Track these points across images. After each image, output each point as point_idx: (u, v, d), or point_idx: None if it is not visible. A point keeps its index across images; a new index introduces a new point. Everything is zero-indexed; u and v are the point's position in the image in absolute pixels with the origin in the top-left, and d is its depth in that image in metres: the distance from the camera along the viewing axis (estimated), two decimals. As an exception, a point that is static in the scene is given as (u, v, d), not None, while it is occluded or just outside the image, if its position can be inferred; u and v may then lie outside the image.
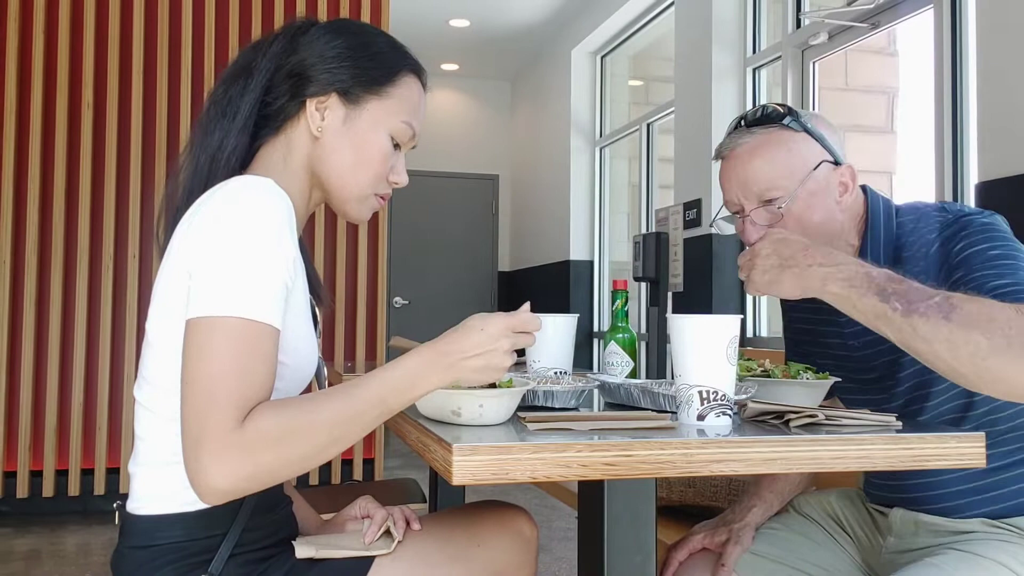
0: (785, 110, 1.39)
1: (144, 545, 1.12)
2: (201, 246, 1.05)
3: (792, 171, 1.36)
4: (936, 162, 3.13)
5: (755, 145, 1.38)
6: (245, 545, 1.14)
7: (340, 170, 1.23)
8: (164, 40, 4.35)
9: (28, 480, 4.12)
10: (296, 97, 1.22)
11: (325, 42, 1.24)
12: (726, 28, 4.56)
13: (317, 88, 1.22)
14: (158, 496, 1.13)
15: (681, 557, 1.52)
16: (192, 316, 1.02)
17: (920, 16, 3.34)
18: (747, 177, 1.38)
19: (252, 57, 1.25)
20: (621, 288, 1.69)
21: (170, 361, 1.10)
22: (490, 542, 1.30)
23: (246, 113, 1.22)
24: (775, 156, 1.37)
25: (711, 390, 1.09)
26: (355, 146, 1.23)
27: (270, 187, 1.09)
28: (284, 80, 1.23)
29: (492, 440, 0.95)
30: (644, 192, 5.69)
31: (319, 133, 1.22)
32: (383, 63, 1.25)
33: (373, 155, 1.24)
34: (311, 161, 1.24)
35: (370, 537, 1.24)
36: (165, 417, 1.12)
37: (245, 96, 1.22)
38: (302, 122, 1.23)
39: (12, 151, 4.12)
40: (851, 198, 1.39)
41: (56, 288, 4.17)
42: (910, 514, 1.42)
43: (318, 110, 1.22)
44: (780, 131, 1.38)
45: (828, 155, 1.38)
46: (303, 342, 1.17)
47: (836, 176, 1.38)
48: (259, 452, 0.96)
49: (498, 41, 6.97)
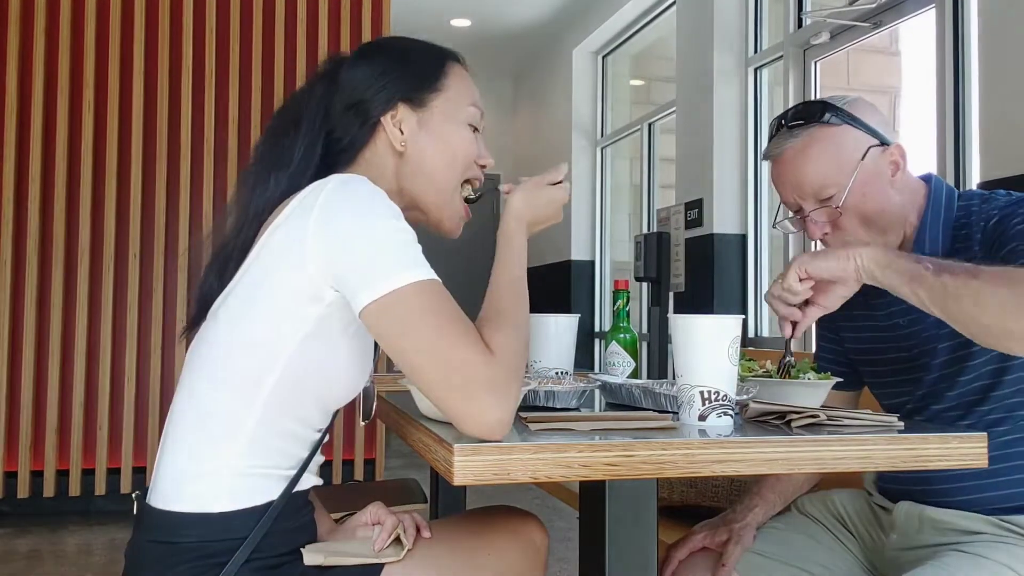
0: (822, 105, 1.41)
1: (164, 540, 1.12)
2: (332, 241, 1.06)
3: (841, 166, 1.38)
4: (938, 162, 3.13)
5: (801, 147, 1.40)
6: (262, 551, 1.13)
7: (435, 171, 1.25)
8: (165, 40, 4.34)
9: (29, 480, 4.11)
10: (366, 123, 1.24)
11: (365, 66, 1.26)
12: (727, 28, 4.56)
13: (382, 106, 1.24)
14: (185, 494, 1.13)
15: (681, 556, 1.52)
16: (369, 301, 1.03)
17: (922, 15, 3.34)
18: (800, 180, 1.40)
19: (297, 106, 1.27)
20: (622, 288, 1.69)
21: (249, 356, 1.11)
22: (500, 549, 1.29)
23: (299, 160, 1.22)
24: (822, 156, 1.38)
25: (713, 390, 1.09)
26: (441, 144, 1.25)
27: (367, 180, 1.12)
28: (343, 114, 1.25)
29: (493, 440, 0.95)
30: (645, 192, 5.69)
31: (403, 147, 1.24)
32: (428, 62, 1.28)
33: (459, 146, 1.27)
34: (401, 179, 1.25)
35: (380, 544, 1.23)
36: (217, 414, 1.13)
37: (298, 142, 1.23)
38: (379, 146, 1.25)
39: (13, 151, 4.12)
40: (904, 176, 1.41)
41: (57, 288, 4.17)
42: (915, 508, 1.41)
43: (395, 125, 1.24)
44: (822, 128, 1.39)
45: (873, 139, 1.40)
46: (360, 361, 1.19)
47: (886, 158, 1.39)
48: (518, 366, 1.04)
49: (499, 41, 6.97)
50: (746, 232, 4.45)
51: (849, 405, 1.56)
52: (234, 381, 1.13)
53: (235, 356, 1.13)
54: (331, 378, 1.16)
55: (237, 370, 1.13)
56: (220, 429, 1.13)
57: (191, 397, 1.17)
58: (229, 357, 1.13)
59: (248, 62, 4.43)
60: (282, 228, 1.11)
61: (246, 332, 1.12)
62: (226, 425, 1.13)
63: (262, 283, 1.11)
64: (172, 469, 1.16)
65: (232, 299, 1.15)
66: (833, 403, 1.41)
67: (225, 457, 1.12)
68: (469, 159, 1.28)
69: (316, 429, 1.20)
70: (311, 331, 1.10)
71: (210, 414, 1.14)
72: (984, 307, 1.13)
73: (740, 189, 4.49)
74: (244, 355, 1.12)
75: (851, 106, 1.41)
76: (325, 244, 1.06)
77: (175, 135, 4.34)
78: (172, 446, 1.17)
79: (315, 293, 1.08)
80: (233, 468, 1.12)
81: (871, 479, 1.56)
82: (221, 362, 1.14)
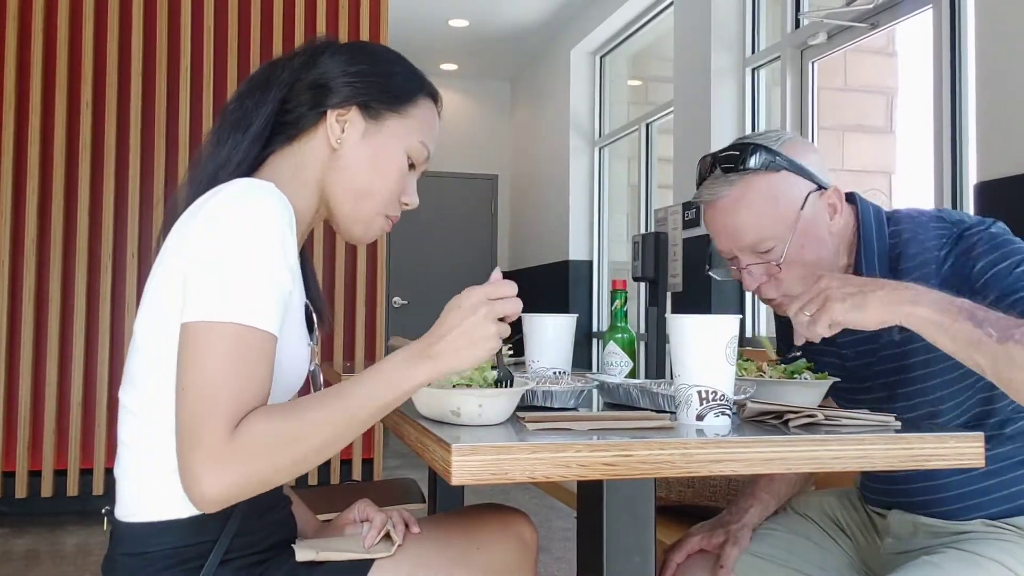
0: (758, 149, 1.32)
1: (136, 552, 1.11)
2: (198, 248, 1.04)
3: (781, 219, 1.32)
4: (935, 162, 3.13)
5: (737, 197, 1.33)
6: (240, 550, 1.13)
7: (355, 185, 1.22)
8: (163, 39, 4.34)
9: (27, 480, 4.11)
10: (316, 107, 1.22)
11: (347, 59, 1.24)
12: (725, 28, 4.56)
13: (339, 100, 1.22)
14: (147, 504, 1.11)
15: (679, 559, 1.51)
16: (188, 320, 1.01)
17: (919, 16, 3.34)
18: (736, 230, 1.34)
19: (270, 72, 1.25)
20: (620, 288, 1.69)
21: (158, 365, 1.08)
22: (490, 545, 1.30)
23: (260, 125, 1.21)
24: (761, 208, 1.32)
25: (710, 390, 1.09)
26: (372, 161, 1.23)
27: (271, 191, 1.09)
28: (304, 90, 1.23)
29: (491, 440, 0.95)
30: (643, 192, 5.69)
31: (338, 145, 1.22)
32: (404, 83, 1.26)
33: (390, 172, 1.24)
34: (324, 175, 1.23)
35: (370, 541, 1.23)
36: (151, 422, 1.10)
37: (260, 108, 1.22)
38: (319, 134, 1.22)
39: (11, 150, 4.12)
40: (841, 219, 1.35)
41: (55, 287, 4.16)
42: (908, 516, 1.41)
43: (338, 122, 1.22)
44: (759, 176, 1.32)
45: (811, 183, 1.34)
46: (293, 352, 1.15)
47: (824, 202, 1.34)
48: (252, 460, 0.97)
49: (497, 41, 6.97)
50: (744, 232, 4.45)
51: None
52: (161, 388, 1.08)
53: (163, 359, 1.07)
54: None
55: (157, 375, 1.09)
56: (167, 435, 1.07)
57: (131, 406, 1.13)
58: (158, 359, 1.08)
59: (246, 61, 4.43)
60: (178, 231, 1.10)
61: (162, 336, 1.08)
62: (171, 431, 1.06)
63: (167, 288, 1.08)
64: (130, 479, 1.13)
65: (151, 297, 1.11)
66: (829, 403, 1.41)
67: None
68: (395, 191, 1.24)
69: None
70: None
71: (152, 421, 1.10)
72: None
73: (738, 189, 4.49)
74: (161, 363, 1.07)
75: (788, 147, 1.34)
76: (192, 248, 1.04)
77: (173, 134, 4.34)
78: (124, 456, 1.14)
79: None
80: None
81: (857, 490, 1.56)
82: (148, 369, 1.10)
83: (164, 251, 1.12)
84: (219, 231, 1.04)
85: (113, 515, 1.16)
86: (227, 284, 1.01)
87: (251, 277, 1.02)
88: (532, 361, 1.51)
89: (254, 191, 1.08)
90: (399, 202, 1.27)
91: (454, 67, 7.62)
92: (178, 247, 1.08)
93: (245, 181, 1.11)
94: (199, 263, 1.03)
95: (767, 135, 1.37)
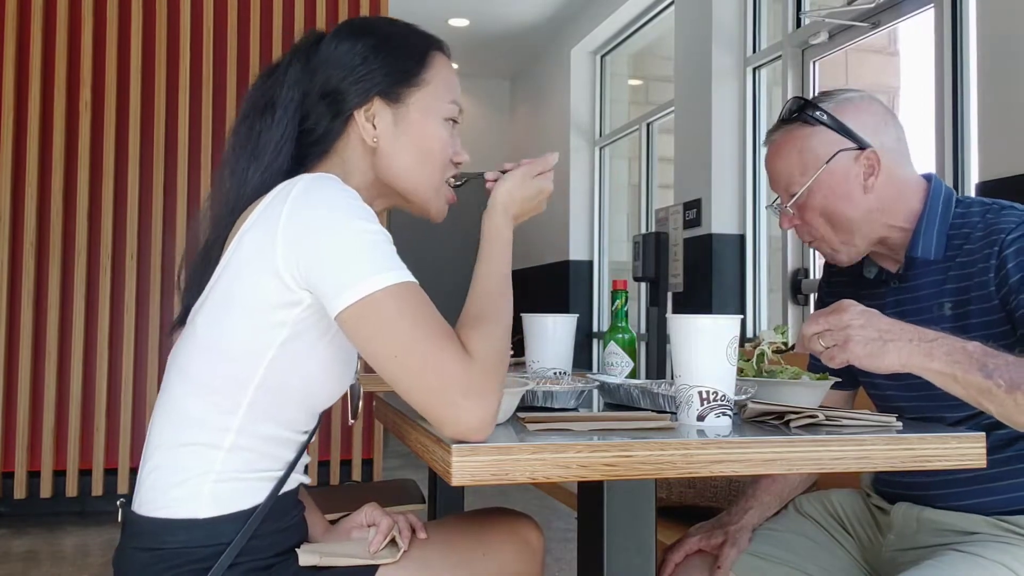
0: (801, 104, 1.44)
1: (149, 547, 1.11)
2: (304, 243, 1.04)
3: (805, 167, 1.42)
4: (937, 161, 3.13)
5: (779, 143, 1.46)
6: (251, 554, 1.12)
7: (408, 170, 1.23)
8: (163, 39, 4.34)
9: (26, 481, 4.11)
10: (339, 116, 1.21)
11: (344, 51, 1.21)
12: (726, 27, 4.56)
13: (357, 99, 1.20)
14: (170, 500, 1.12)
15: (677, 559, 1.51)
16: (344, 307, 1.01)
17: (921, 15, 3.34)
18: (774, 173, 1.48)
19: (271, 89, 1.22)
20: (621, 288, 1.69)
21: (229, 363, 1.10)
22: (496, 551, 1.29)
23: (277, 148, 1.19)
24: (789, 154, 1.44)
25: (711, 390, 1.08)
26: (415, 143, 1.22)
27: (337, 179, 1.11)
28: (318, 103, 1.21)
29: (491, 441, 0.95)
30: (644, 192, 5.69)
31: (375, 142, 1.21)
32: (409, 52, 1.24)
33: (434, 145, 1.24)
34: (376, 172, 1.23)
35: (375, 546, 1.22)
36: (199, 421, 1.12)
37: (273, 130, 1.19)
38: (352, 139, 1.21)
39: (10, 151, 4.11)
40: (880, 180, 1.40)
41: (54, 288, 4.16)
42: (913, 510, 1.41)
43: (368, 120, 1.20)
44: (797, 128, 1.44)
45: (849, 142, 1.41)
46: (348, 357, 1.17)
47: (860, 162, 1.40)
48: (499, 367, 1.03)
49: (497, 40, 6.97)
50: (744, 232, 4.45)
51: (846, 404, 1.56)
52: (215, 386, 1.11)
53: (215, 363, 1.11)
54: (314, 381, 1.14)
55: (217, 376, 1.11)
56: (202, 435, 1.11)
57: (173, 402, 1.15)
58: (209, 363, 1.12)
59: (245, 61, 4.43)
60: (250, 233, 1.09)
61: (225, 340, 1.10)
62: (208, 431, 1.11)
63: (236, 291, 1.09)
64: (156, 475, 1.14)
65: (209, 304, 1.13)
66: (830, 403, 1.41)
67: (208, 462, 1.11)
68: (444, 158, 1.26)
69: (301, 431, 1.19)
70: (290, 335, 1.08)
71: (192, 420, 1.12)
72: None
73: (739, 189, 4.49)
74: (224, 361, 1.11)
75: (839, 106, 1.43)
76: (296, 250, 1.04)
77: (172, 135, 4.33)
78: (155, 452, 1.15)
79: (291, 299, 1.06)
80: (217, 473, 1.11)
81: (868, 480, 1.56)
82: (201, 369, 1.13)
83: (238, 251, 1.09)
84: (314, 222, 1.04)
85: (129, 507, 1.16)
86: (358, 260, 1.03)
87: (371, 244, 1.04)
88: (532, 361, 1.50)
89: (325, 179, 1.10)
90: (452, 164, 1.28)
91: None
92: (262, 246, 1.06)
93: (308, 176, 1.11)
94: (316, 258, 1.03)
95: (833, 93, 1.46)
